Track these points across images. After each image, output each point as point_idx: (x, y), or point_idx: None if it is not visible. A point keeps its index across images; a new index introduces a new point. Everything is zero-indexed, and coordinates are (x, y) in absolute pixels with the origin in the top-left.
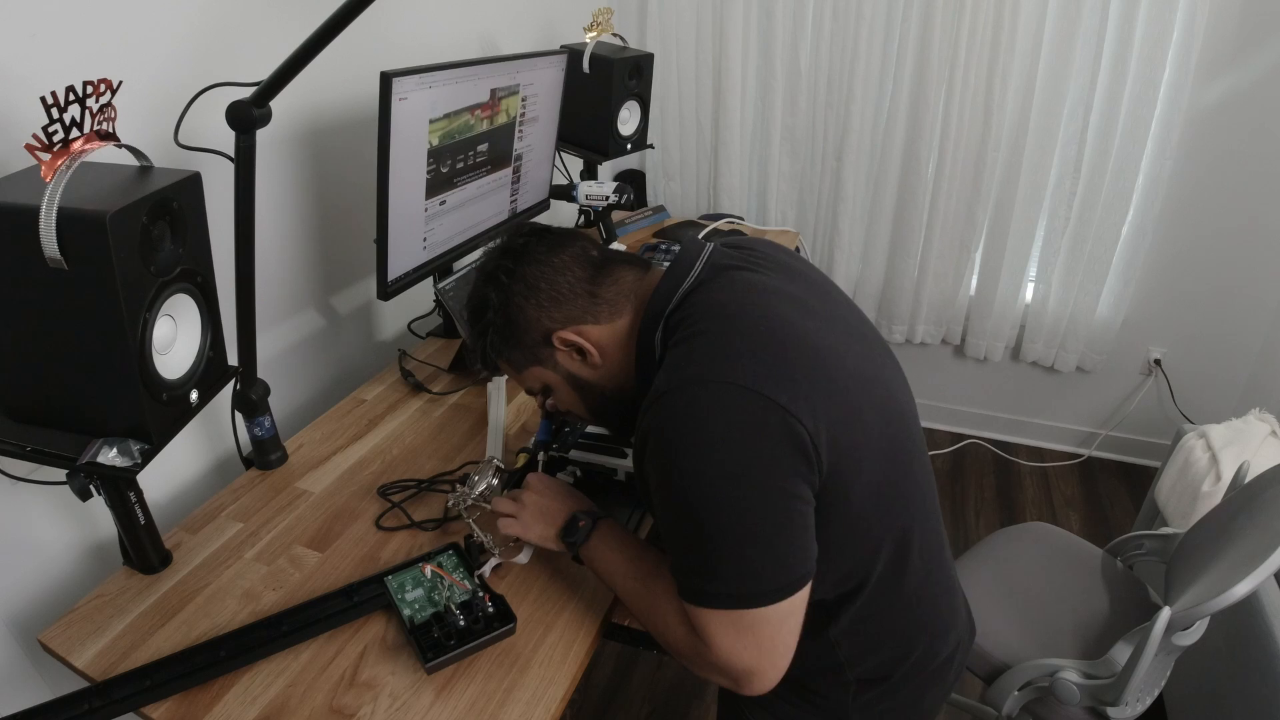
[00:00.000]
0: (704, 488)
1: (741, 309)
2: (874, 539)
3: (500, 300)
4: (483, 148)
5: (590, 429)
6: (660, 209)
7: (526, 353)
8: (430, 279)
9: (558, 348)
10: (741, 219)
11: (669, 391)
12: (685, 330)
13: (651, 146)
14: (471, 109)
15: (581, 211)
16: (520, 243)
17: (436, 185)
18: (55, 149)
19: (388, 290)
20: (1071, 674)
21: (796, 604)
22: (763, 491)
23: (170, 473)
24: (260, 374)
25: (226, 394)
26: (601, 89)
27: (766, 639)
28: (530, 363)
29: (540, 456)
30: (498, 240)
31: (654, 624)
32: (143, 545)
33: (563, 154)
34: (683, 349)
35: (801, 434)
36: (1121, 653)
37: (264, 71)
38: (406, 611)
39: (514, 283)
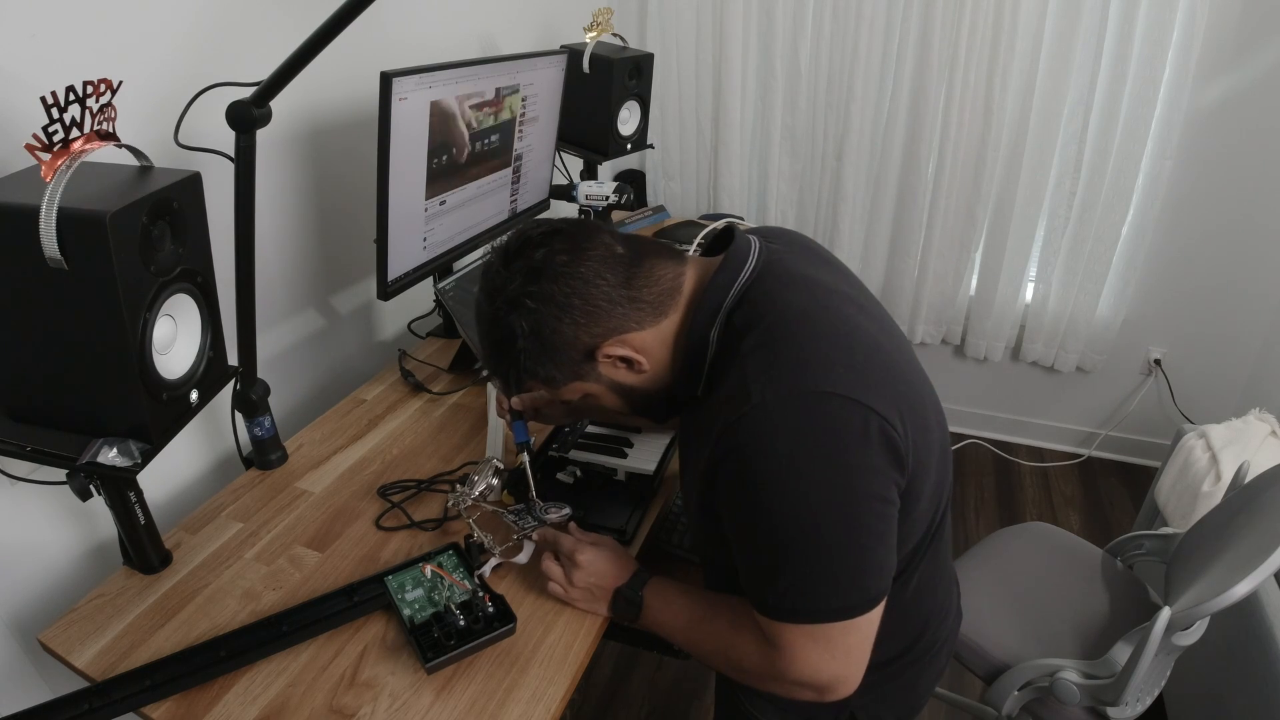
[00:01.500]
0: (804, 503)
1: (813, 312)
2: (920, 534)
3: (531, 326)
4: None
5: (590, 429)
6: (660, 209)
7: (566, 371)
8: (430, 279)
9: (601, 361)
10: (742, 219)
11: (756, 406)
12: (758, 334)
13: (651, 146)
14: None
15: (581, 211)
16: (539, 258)
17: (436, 185)
18: (55, 149)
19: (388, 290)
20: (1071, 674)
21: (881, 608)
22: (868, 502)
23: (170, 473)
24: (260, 374)
25: (226, 394)
26: (601, 89)
27: (856, 646)
28: (571, 379)
29: (525, 458)
30: (505, 246)
31: (725, 662)
32: (143, 545)
33: (563, 154)
34: (761, 358)
35: (897, 439)
36: (1121, 653)
37: (264, 71)
38: (406, 611)
39: (542, 305)
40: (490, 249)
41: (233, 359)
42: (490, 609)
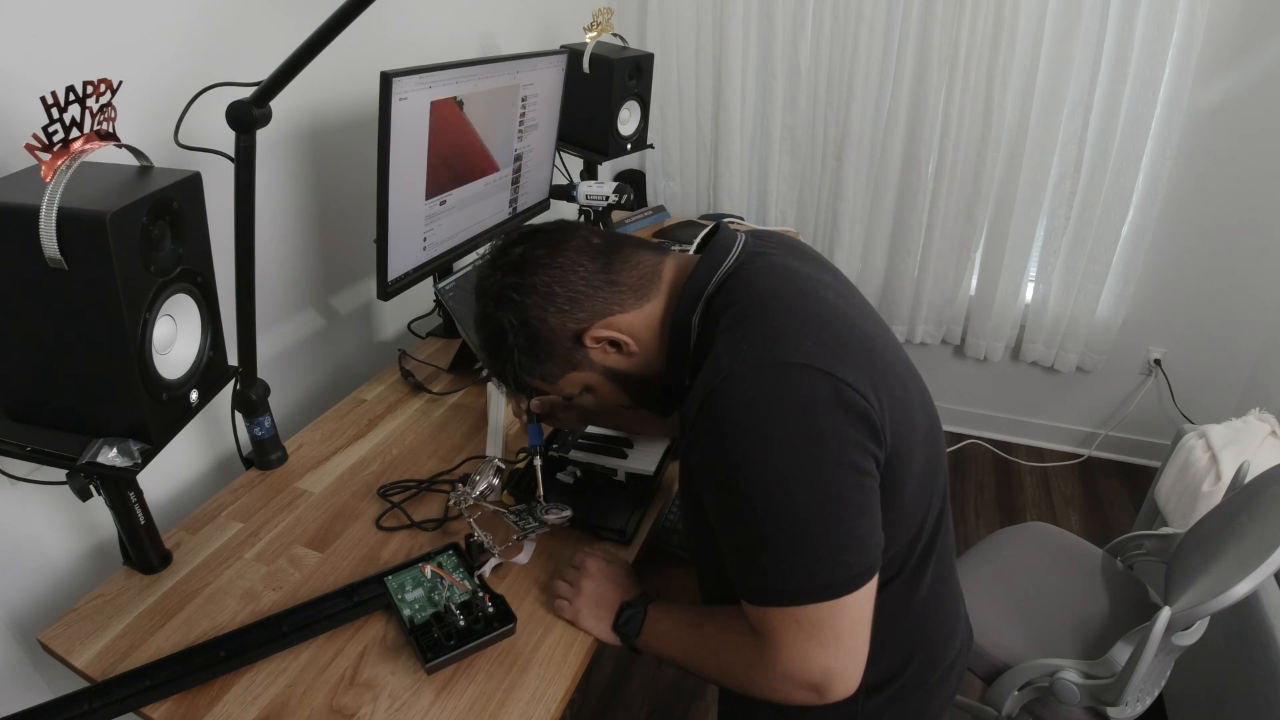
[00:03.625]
0: (776, 472)
1: (788, 293)
2: (914, 529)
3: (519, 320)
4: None
5: (590, 429)
6: (660, 209)
7: (560, 362)
8: (430, 279)
9: (590, 346)
10: (741, 219)
11: (726, 379)
12: (733, 314)
13: (651, 146)
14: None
15: (581, 211)
16: (517, 254)
17: (436, 185)
18: (55, 149)
19: (388, 290)
20: (1071, 674)
21: (871, 591)
22: (838, 468)
23: (170, 473)
24: (260, 374)
25: (226, 394)
26: (601, 89)
27: (846, 633)
28: (566, 370)
29: (537, 461)
30: (486, 256)
31: (718, 667)
32: (143, 545)
33: (563, 154)
34: (734, 334)
35: (868, 408)
36: (1121, 653)
37: (264, 71)
38: (406, 611)
39: (526, 296)
40: (482, 252)
41: (233, 359)
42: (490, 609)
